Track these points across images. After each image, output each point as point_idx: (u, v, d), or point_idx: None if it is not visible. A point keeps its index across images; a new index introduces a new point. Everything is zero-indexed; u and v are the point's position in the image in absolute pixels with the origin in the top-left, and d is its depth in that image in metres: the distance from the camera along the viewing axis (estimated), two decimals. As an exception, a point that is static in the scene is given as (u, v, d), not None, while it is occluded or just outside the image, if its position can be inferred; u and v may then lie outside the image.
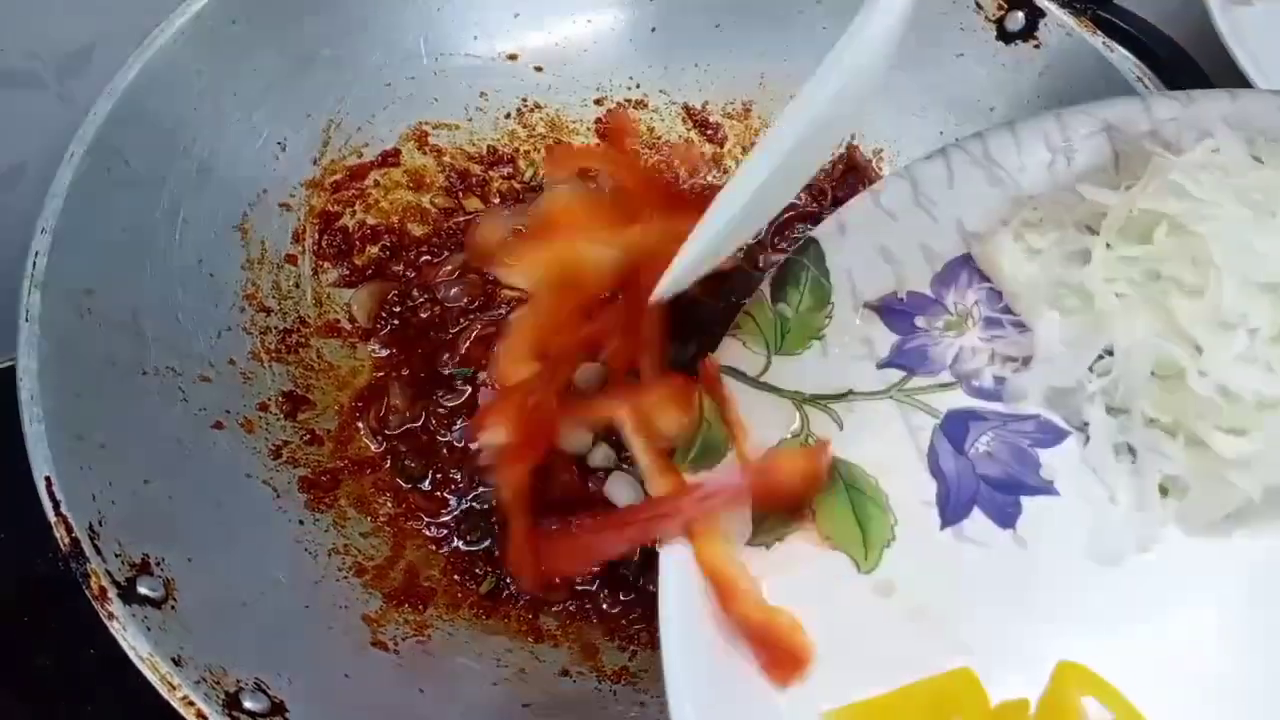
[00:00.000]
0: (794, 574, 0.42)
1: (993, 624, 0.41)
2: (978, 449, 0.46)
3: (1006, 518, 0.44)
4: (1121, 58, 0.63)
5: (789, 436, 0.44)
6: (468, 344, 0.66)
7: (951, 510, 0.44)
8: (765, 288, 0.47)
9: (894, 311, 0.48)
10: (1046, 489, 0.45)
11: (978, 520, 0.44)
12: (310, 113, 0.67)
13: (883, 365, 0.47)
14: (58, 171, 0.54)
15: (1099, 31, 0.64)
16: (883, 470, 0.44)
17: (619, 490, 0.60)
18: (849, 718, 0.38)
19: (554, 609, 0.59)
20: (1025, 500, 0.44)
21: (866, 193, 0.49)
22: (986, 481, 0.45)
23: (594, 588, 0.59)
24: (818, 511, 0.43)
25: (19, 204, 0.65)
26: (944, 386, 0.47)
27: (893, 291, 0.48)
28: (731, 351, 0.45)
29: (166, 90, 0.59)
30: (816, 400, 0.45)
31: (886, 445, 0.45)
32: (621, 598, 0.59)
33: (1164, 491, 0.44)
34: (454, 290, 0.67)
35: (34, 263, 0.51)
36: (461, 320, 0.67)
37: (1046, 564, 0.43)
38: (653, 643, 0.59)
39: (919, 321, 0.48)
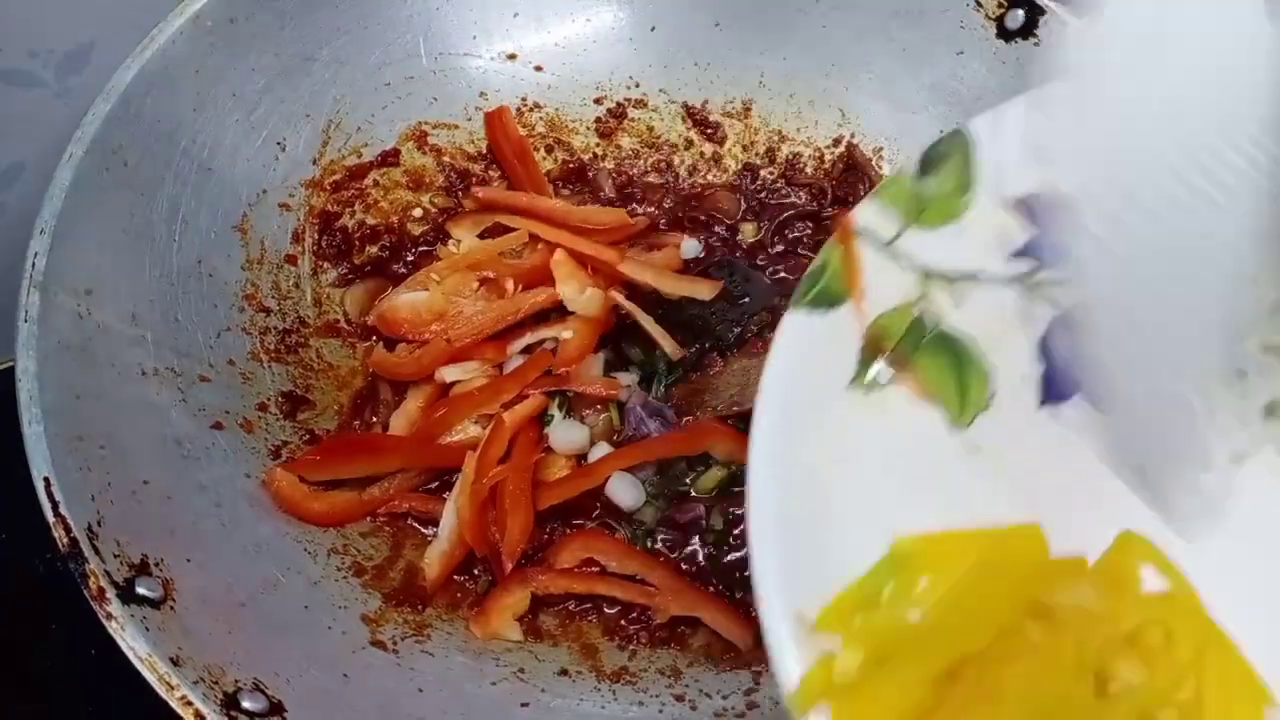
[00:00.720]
0: (885, 418, 0.43)
1: (1068, 495, 0.41)
2: None
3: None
4: (1122, 56, 0.62)
5: (903, 303, 0.45)
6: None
7: (1054, 391, 0.45)
8: (912, 163, 0.47)
9: (1037, 209, 0.47)
10: None
11: (1078, 405, 0.44)
12: (309, 113, 0.67)
13: (1015, 255, 0.47)
14: (56, 171, 0.54)
15: (1099, 30, 0.64)
16: (992, 347, 0.45)
17: (621, 490, 0.60)
18: (919, 545, 0.39)
19: (553, 608, 0.59)
20: None
21: (1022, 95, 0.48)
22: None
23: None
24: (920, 367, 0.44)
25: (17, 204, 0.65)
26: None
27: (1037, 191, 0.47)
28: (868, 213, 0.46)
29: (165, 90, 0.59)
30: (940, 277, 0.45)
31: (1001, 327, 0.45)
32: (620, 597, 0.59)
33: (1269, 412, 0.44)
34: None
35: (33, 263, 0.51)
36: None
37: None
38: (652, 642, 0.59)
39: (1060, 221, 0.48)
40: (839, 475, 0.41)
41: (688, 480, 0.61)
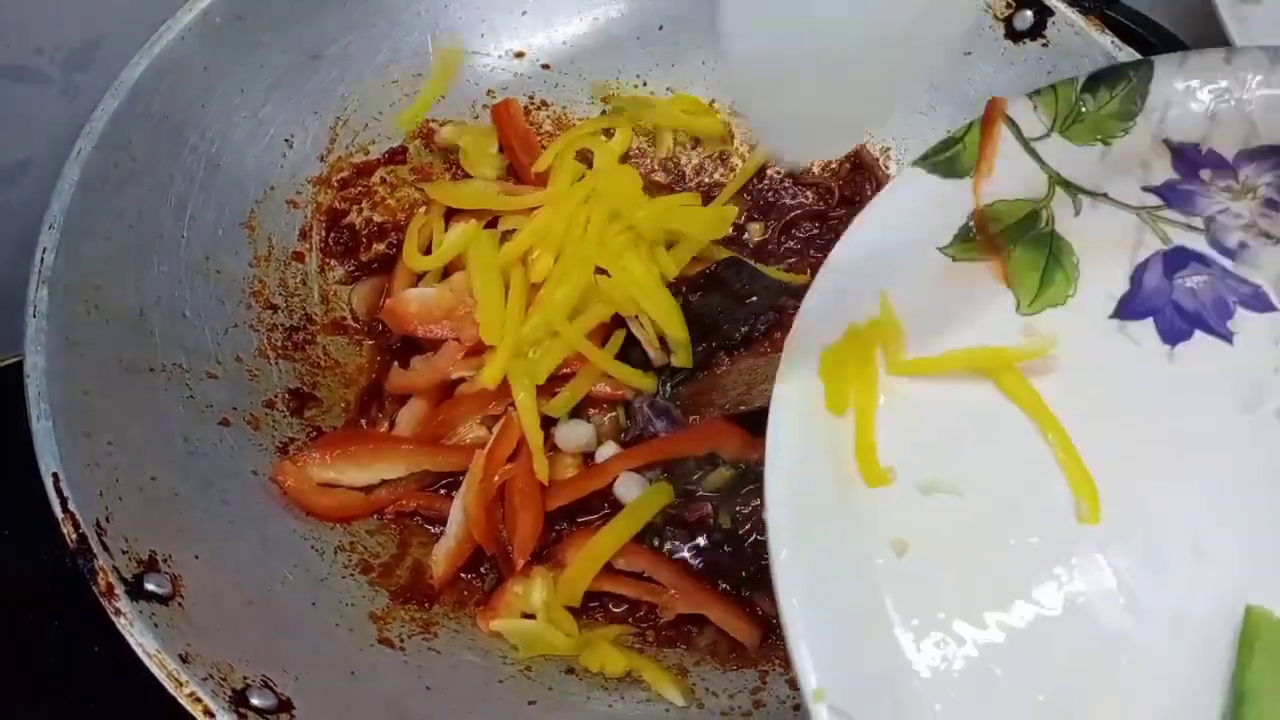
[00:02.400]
0: (961, 288, 0.46)
1: (1106, 399, 0.46)
2: (1184, 282, 0.49)
3: (1173, 335, 0.48)
4: (1130, 57, 0.62)
5: (1025, 198, 0.48)
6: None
7: (1128, 309, 0.48)
8: (1083, 75, 0.50)
9: (1187, 157, 0.50)
10: (1225, 335, 0.48)
11: (1146, 326, 0.48)
12: (317, 110, 0.67)
13: (1147, 189, 0.50)
14: (65, 168, 0.54)
15: (1107, 30, 0.63)
16: (1090, 259, 0.48)
17: (628, 489, 0.60)
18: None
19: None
20: (1199, 334, 0.48)
21: (1223, 50, 0.51)
22: (1175, 306, 0.49)
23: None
24: (1015, 256, 0.47)
25: (24, 200, 0.65)
26: (1190, 228, 0.50)
27: (1196, 143, 0.50)
28: (1021, 107, 0.49)
29: (173, 86, 0.59)
30: (1071, 186, 0.48)
31: (1106, 245, 0.49)
32: (628, 597, 0.59)
33: None
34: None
35: (41, 259, 0.51)
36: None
37: (1185, 385, 0.47)
38: (659, 640, 0.59)
39: (1204, 174, 0.51)
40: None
41: (695, 479, 0.61)
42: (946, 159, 0.47)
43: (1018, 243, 0.47)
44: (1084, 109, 0.49)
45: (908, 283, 0.46)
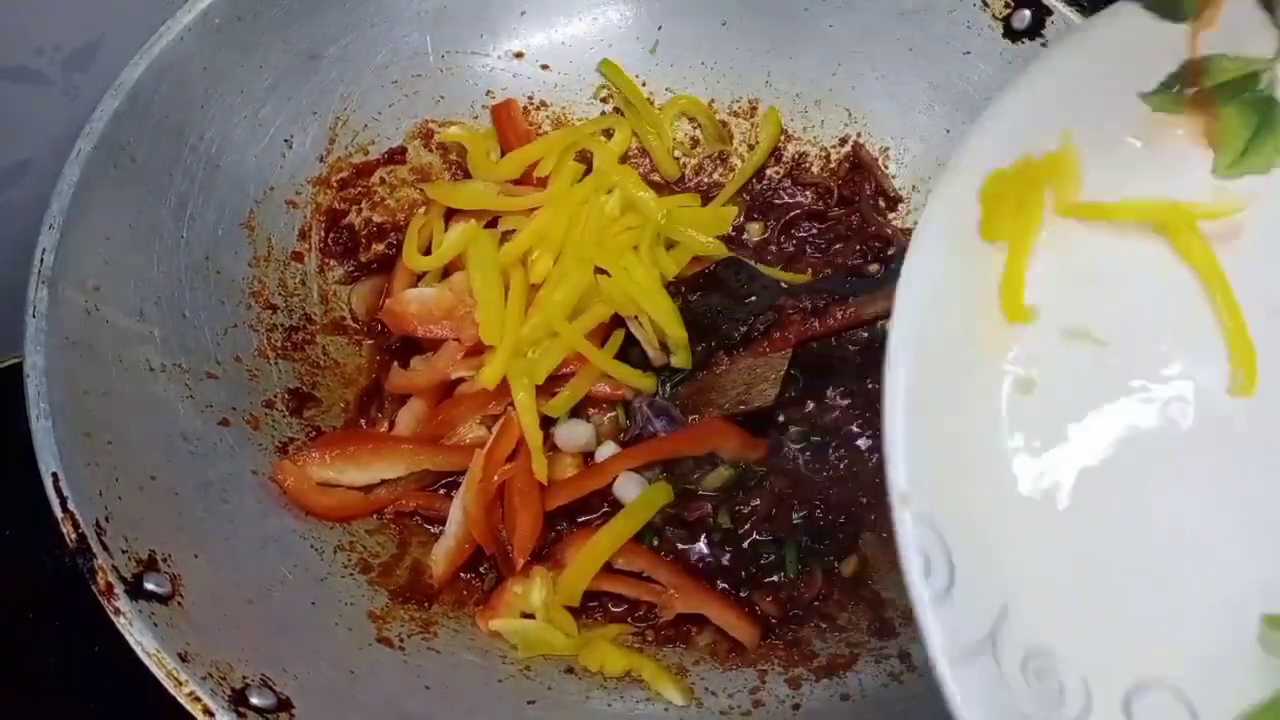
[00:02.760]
0: (1155, 138, 0.42)
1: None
2: None
3: None
4: (1129, 56, 0.63)
5: (1249, 56, 0.42)
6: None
7: None
8: None
9: None
10: None
11: None
12: (317, 110, 0.67)
13: None
14: (65, 167, 0.54)
15: (1106, 30, 0.64)
16: None
17: (628, 489, 0.60)
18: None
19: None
20: None
21: None
22: None
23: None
24: (1224, 115, 0.43)
25: (24, 200, 0.65)
26: None
27: None
28: None
29: (173, 87, 0.59)
30: None
31: None
32: (627, 596, 0.59)
33: None
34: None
35: (41, 259, 0.51)
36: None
37: None
38: (658, 640, 0.59)
39: None
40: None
41: (694, 479, 0.61)
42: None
43: (1230, 101, 0.42)
44: None
45: (1096, 123, 0.42)
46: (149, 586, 0.45)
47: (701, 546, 0.61)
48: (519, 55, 0.73)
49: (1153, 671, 0.34)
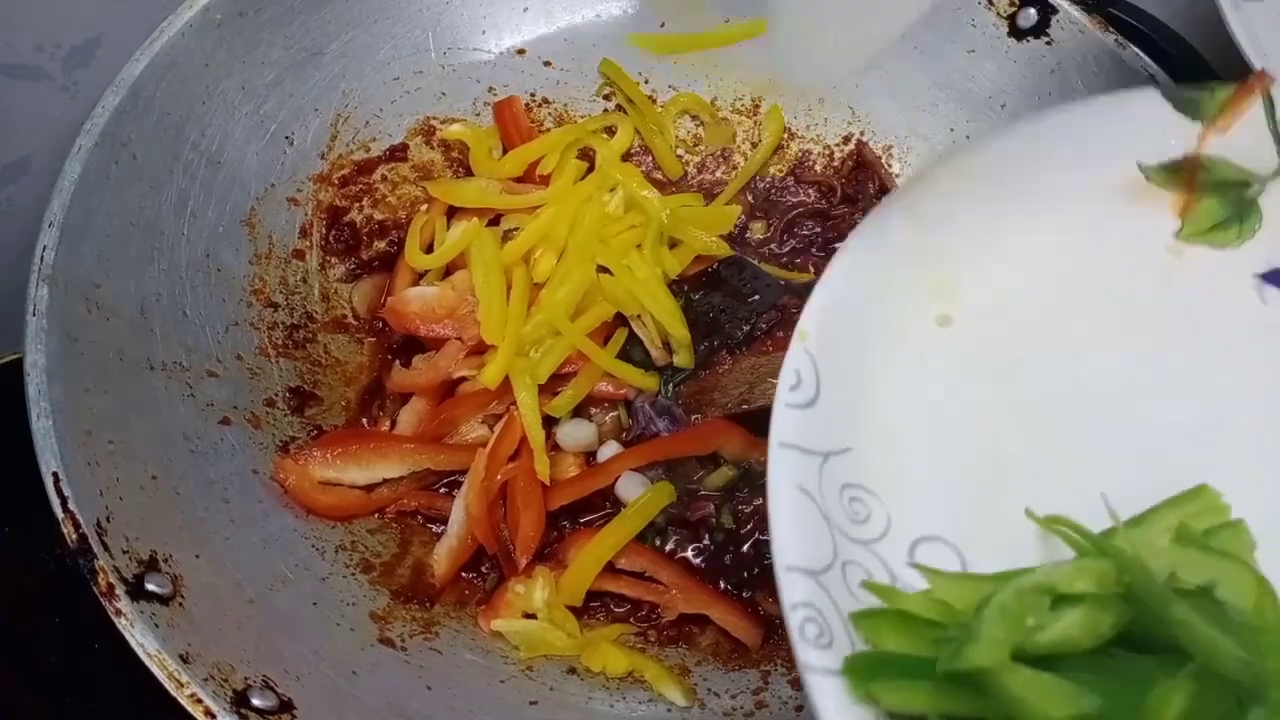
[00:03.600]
0: (1134, 200, 0.47)
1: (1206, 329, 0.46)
2: None
3: None
4: (1133, 55, 0.62)
5: (1249, 171, 0.48)
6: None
7: (1276, 277, 0.48)
8: None
9: None
10: None
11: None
12: (318, 107, 0.67)
13: None
14: (65, 165, 0.53)
15: (1111, 29, 0.63)
16: (1272, 231, 0.48)
17: (630, 489, 0.60)
18: None
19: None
20: None
21: None
22: None
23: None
24: (1203, 199, 0.47)
25: (24, 197, 0.65)
26: None
27: None
28: None
29: (174, 83, 0.59)
30: None
31: None
32: (629, 597, 0.59)
33: None
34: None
35: (41, 256, 0.51)
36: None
37: None
38: (660, 640, 0.58)
39: None
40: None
41: (697, 478, 0.61)
42: (1189, 99, 0.47)
43: (1214, 194, 0.48)
44: None
45: (1088, 172, 0.47)
46: (150, 587, 0.45)
47: (704, 546, 0.61)
48: (521, 52, 0.73)
49: (945, 532, 0.40)
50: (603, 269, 0.63)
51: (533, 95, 0.73)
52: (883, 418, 0.42)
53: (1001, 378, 0.44)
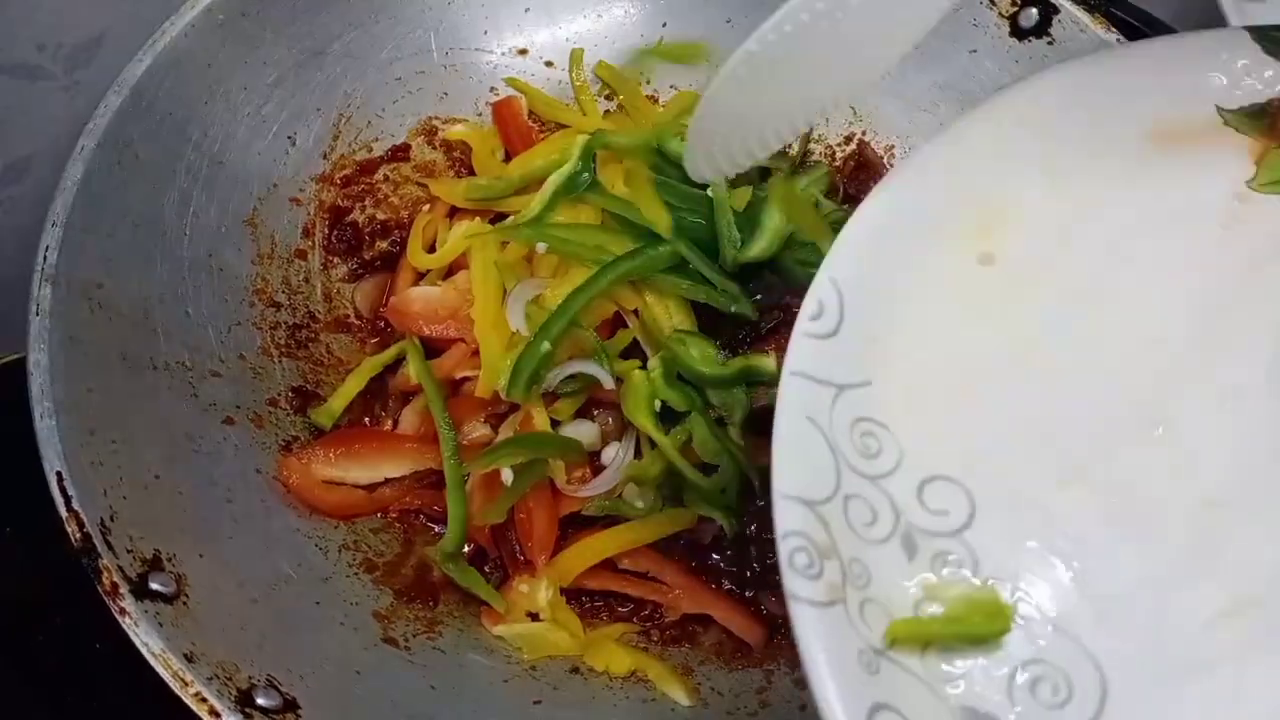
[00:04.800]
0: (1211, 145, 0.45)
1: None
2: None
3: None
4: (1136, 55, 0.62)
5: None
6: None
7: None
8: None
9: None
10: None
11: None
12: (320, 107, 0.67)
13: None
14: (68, 165, 0.53)
15: (1113, 28, 0.63)
16: None
17: (631, 489, 0.60)
18: None
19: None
20: None
21: None
22: None
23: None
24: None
25: (26, 197, 0.64)
26: None
27: None
28: None
29: (176, 83, 0.59)
30: None
31: None
32: (632, 596, 0.59)
33: None
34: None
35: (44, 256, 0.51)
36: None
37: None
38: (664, 640, 0.58)
39: None
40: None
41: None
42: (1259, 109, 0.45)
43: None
44: None
45: (1167, 108, 0.45)
46: (154, 586, 0.45)
47: (707, 546, 0.61)
48: (523, 52, 0.73)
49: (957, 473, 0.39)
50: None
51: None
52: (909, 354, 0.41)
53: (1039, 325, 0.43)
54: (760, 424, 0.62)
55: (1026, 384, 0.42)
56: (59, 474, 0.46)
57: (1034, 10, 0.65)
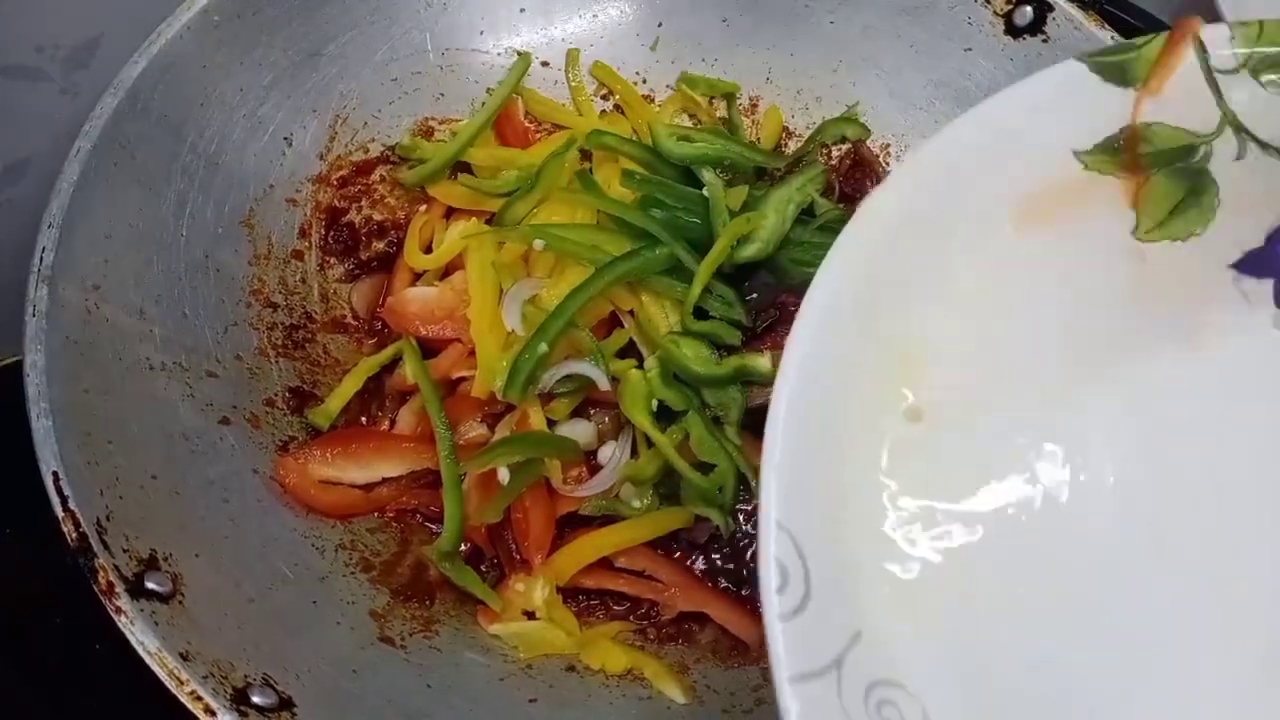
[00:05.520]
0: (1075, 207, 0.42)
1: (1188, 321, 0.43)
2: None
3: None
4: (1130, 52, 0.62)
5: (1189, 129, 0.43)
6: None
7: (1251, 264, 0.44)
8: None
9: None
10: None
11: (1263, 286, 0.44)
12: (316, 108, 0.67)
13: None
14: (64, 166, 0.54)
15: (1107, 26, 0.63)
16: (1231, 205, 0.43)
17: (628, 489, 0.60)
18: None
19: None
20: None
21: None
22: None
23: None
24: (1154, 182, 0.43)
25: (23, 198, 0.65)
26: None
27: None
28: (1216, 35, 0.43)
29: (173, 85, 0.59)
30: (1244, 130, 0.43)
31: (1258, 198, 0.44)
32: (628, 594, 0.59)
33: None
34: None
35: (41, 258, 0.51)
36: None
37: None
38: (660, 638, 0.59)
39: None
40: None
41: (695, 477, 0.61)
42: (1115, 63, 0.42)
43: (1163, 169, 0.43)
44: None
45: (1024, 175, 0.42)
46: (150, 586, 0.45)
47: (703, 545, 0.61)
48: (519, 53, 0.73)
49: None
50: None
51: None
52: (885, 587, 0.37)
53: (1003, 495, 0.40)
54: (756, 422, 0.62)
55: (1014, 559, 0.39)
56: (55, 474, 0.46)
57: (1029, 8, 0.65)
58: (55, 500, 0.46)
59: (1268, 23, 0.43)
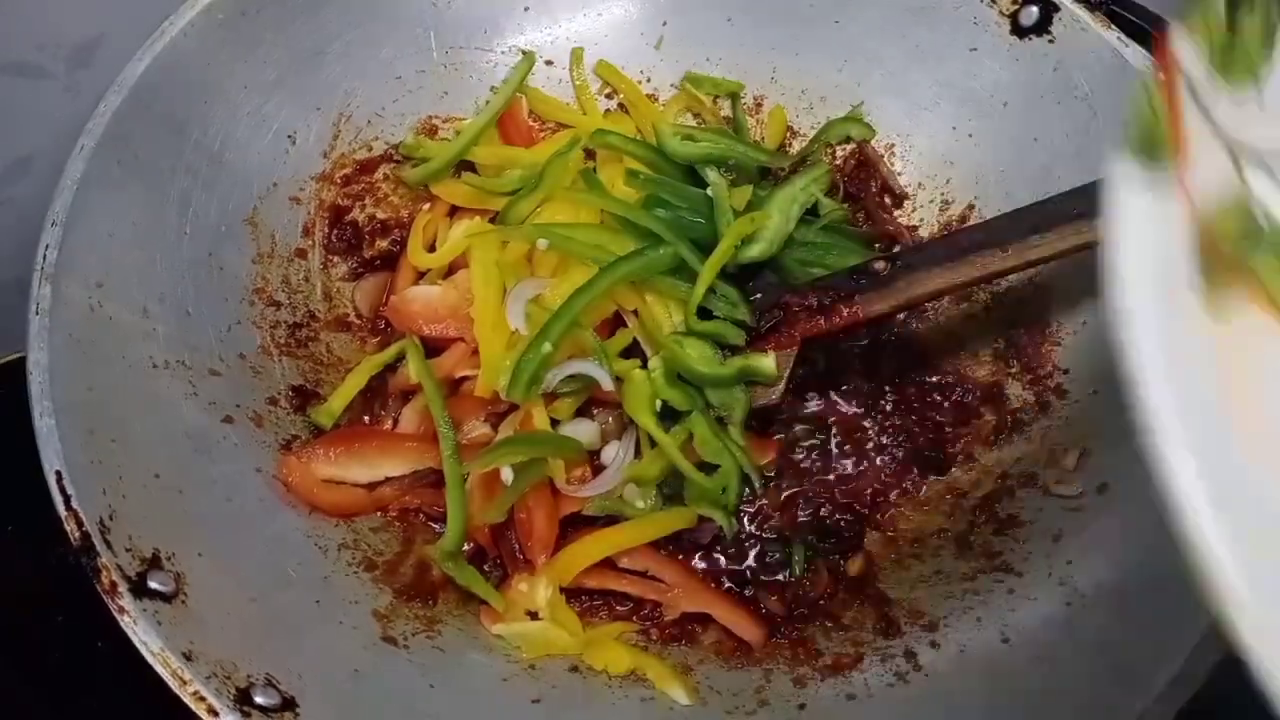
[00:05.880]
0: (1260, 350, 0.32)
1: None
2: None
3: None
4: (1135, 53, 0.62)
5: (1229, 189, 0.34)
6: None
7: None
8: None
9: None
10: None
11: None
12: (320, 106, 0.67)
13: None
14: (68, 164, 0.54)
15: (1113, 26, 0.63)
16: None
17: (631, 489, 0.60)
18: None
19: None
20: None
21: None
22: None
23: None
24: (1257, 270, 0.33)
25: (27, 196, 0.65)
26: None
27: None
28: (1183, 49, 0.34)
29: (177, 83, 0.59)
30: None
31: None
32: (632, 595, 0.59)
33: None
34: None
35: (44, 255, 0.51)
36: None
37: None
38: (663, 639, 0.58)
39: None
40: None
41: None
42: (1141, 135, 0.33)
43: (1253, 251, 0.34)
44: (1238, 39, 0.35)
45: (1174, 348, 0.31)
46: (153, 585, 0.45)
47: (706, 545, 0.61)
48: (523, 51, 0.73)
49: None
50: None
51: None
52: None
53: None
54: (759, 423, 0.62)
55: None
56: (58, 473, 0.46)
57: (1034, 9, 0.65)
58: (58, 499, 0.45)
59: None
